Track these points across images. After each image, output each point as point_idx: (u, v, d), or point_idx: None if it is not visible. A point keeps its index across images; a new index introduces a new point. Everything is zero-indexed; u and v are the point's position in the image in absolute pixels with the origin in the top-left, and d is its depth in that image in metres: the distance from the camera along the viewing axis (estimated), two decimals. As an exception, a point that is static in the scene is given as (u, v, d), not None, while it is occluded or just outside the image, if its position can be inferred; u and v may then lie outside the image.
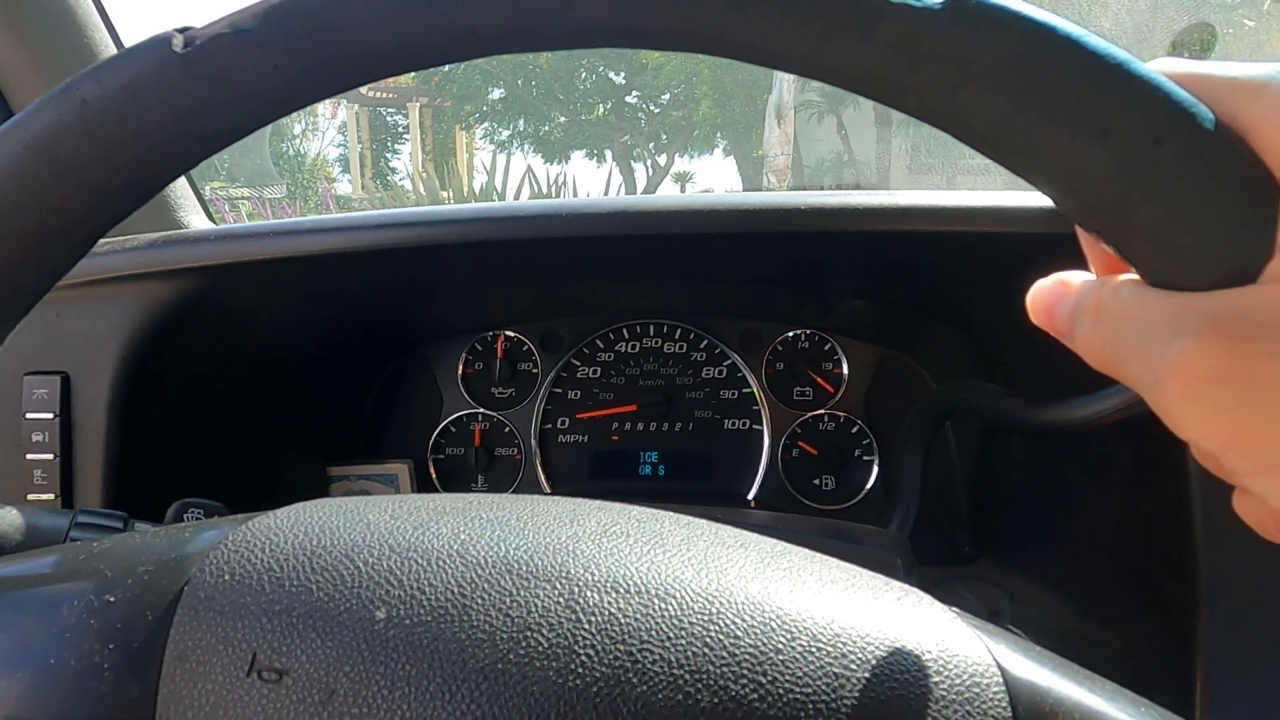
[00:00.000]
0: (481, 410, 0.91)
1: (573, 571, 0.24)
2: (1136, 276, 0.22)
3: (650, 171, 13.11)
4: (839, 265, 0.72)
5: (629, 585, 0.23)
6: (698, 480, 0.90)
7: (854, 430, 0.88)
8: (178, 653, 0.23)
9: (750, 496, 0.89)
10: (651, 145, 13.10)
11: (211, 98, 0.23)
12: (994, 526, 0.80)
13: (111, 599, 0.24)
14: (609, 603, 0.23)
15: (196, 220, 0.84)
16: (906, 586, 0.25)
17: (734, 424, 0.90)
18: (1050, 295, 0.25)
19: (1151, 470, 0.58)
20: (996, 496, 0.79)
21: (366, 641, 0.22)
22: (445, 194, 8.16)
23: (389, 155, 14.55)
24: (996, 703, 0.22)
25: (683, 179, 13.02)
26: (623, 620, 0.22)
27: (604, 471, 0.91)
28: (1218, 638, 0.52)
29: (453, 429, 0.92)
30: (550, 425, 0.91)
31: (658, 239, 0.64)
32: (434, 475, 0.91)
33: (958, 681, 0.22)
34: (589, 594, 0.23)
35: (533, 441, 0.90)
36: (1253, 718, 0.53)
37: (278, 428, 0.81)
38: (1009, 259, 0.61)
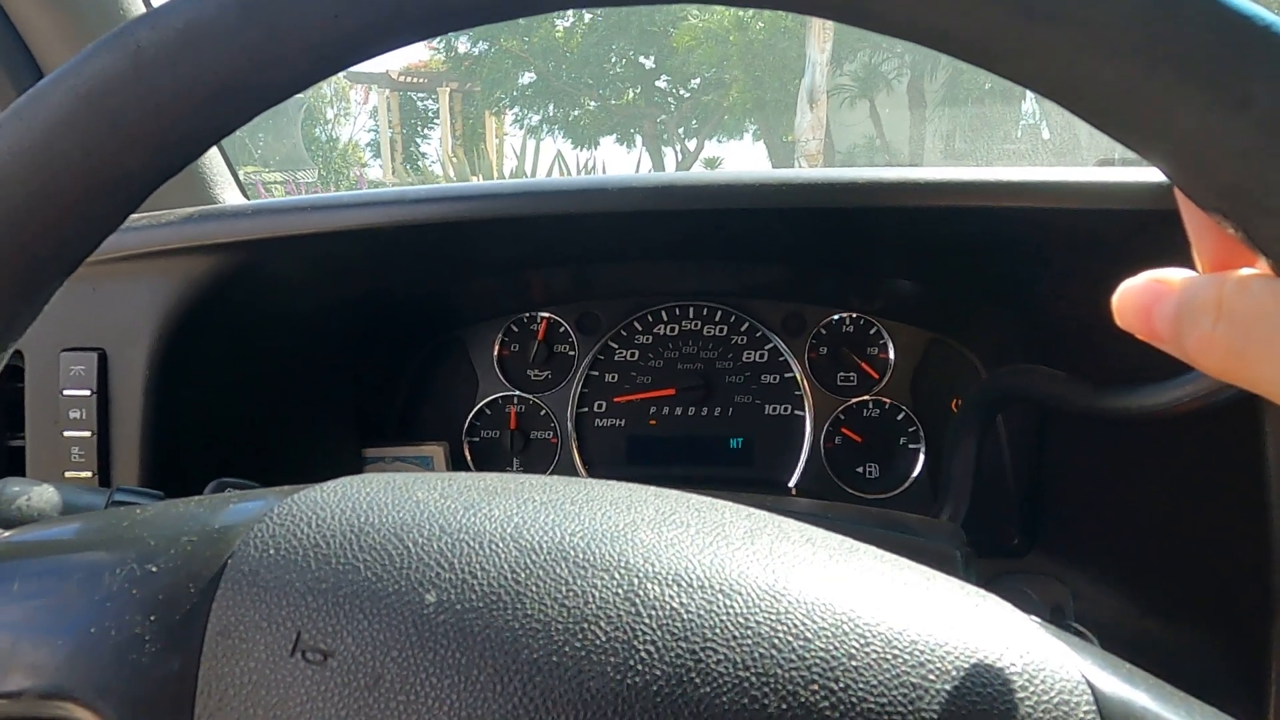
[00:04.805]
0: (517, 393, 0.90)
1: (632, 561, 0.22)
2: (1264, 270, 0.20)
3: (680, 156, 13.05)
4: (889, 244, 0.69)
5: (691, 579, 0.22)
6: (737, 467, 0.88)
7: (899, 417, 0.86)
8: (220, 628, 0.22)
9: (791, 484, 0.86)
10: (681, 130, 13.04)
11: (269, 47, 0.22)
12: (1046, 519, 0.77)
13: (154, 569, 0.23)
14: (670, 596, 0.22)
15: (231, 196, 0.83)
16: (983, 591, 0.24)
17: (775, 409, 0.88)
18: (1146, 295, 0.22)
19: (1224, 465, 0.55)
20: (1050, 488, 0.76)
21: (415, 626, 0.21)
22: (475, 178, 8.19)
23: (419, 140, 14.64)
24: None
25: (712, 164, 12.95)
26: (685, 616, 0.21)
27: (641, 456, 0.89)
28: None
29: (488, 411, 0.90)
30: (587, 409, 0.89)
31: (701, 214, 0.61)
32: (469, 457, 0.90)
33: (1045, 698, 0.20)
34: (649, 586, 0.22)
35: (569, 425, 0.89)
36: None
37: (313, 407, 0.80)
38: (1072, 237, 0.59)
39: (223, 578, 0.23)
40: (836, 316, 0.86)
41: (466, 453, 0.90)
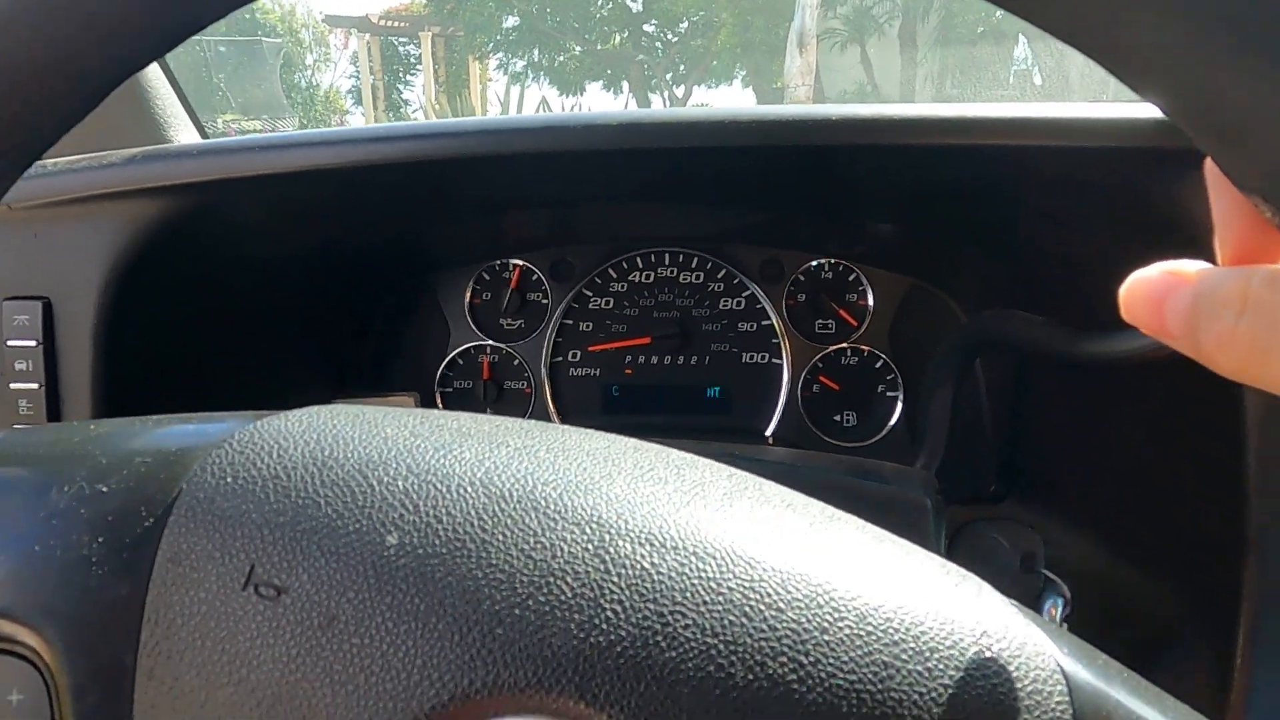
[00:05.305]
0: (490, 342, 0.88)
1: (604, 516, 0.22)
2: None
3: (668, 103, 12.84)
4: (866, 184, 0.67)
5: (665, 539, 0.21)
6: (714, 416, 0.87)
7: (878, 365, 0.85)
8: (171, 555, 0.21)
9: (768, 433, 0.86)
10: (669, 76, 12.80)
11: None
12: (1023, 465, 0.76)
13: (104, 489, 0.22)
14: (641, 555, 0.21)
15: (186, 136, 0.79)
16: (964, 572, 0.23)
17: (752, 357, 0.86)
18: (1158, 287, 0.21)
19: (1202, 413, 0.54)
20: (1027, 434, 0.75)
21: (374, 567, 0.21)
22: (458, 126, 8.04)
23: (401, 87, 14.32)
24: (1059, 712, 0.20)
25: (701, 111, 12.74)
26: (655, 577, 0.21)
27: (616, 406, 0.88)
28: (1266, 586, 0.49)
29: (460, 361, 0.89)
30: (561, 358, 0.88)
31: (675, 153, 0.59)
32: (441, 408, 0.89)
33: (1019, 686, 0.20)
34: (621, 543, 0.21)
35: (542, 374, 0.87)
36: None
37: (276, 357, 0.78)
38: (1051, 178, 0.57)
39: (176, 503, 0.22)
40: (815, 263, 0.85)
41: (439, 403, 0.89)
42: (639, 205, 0.81)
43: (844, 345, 0.85)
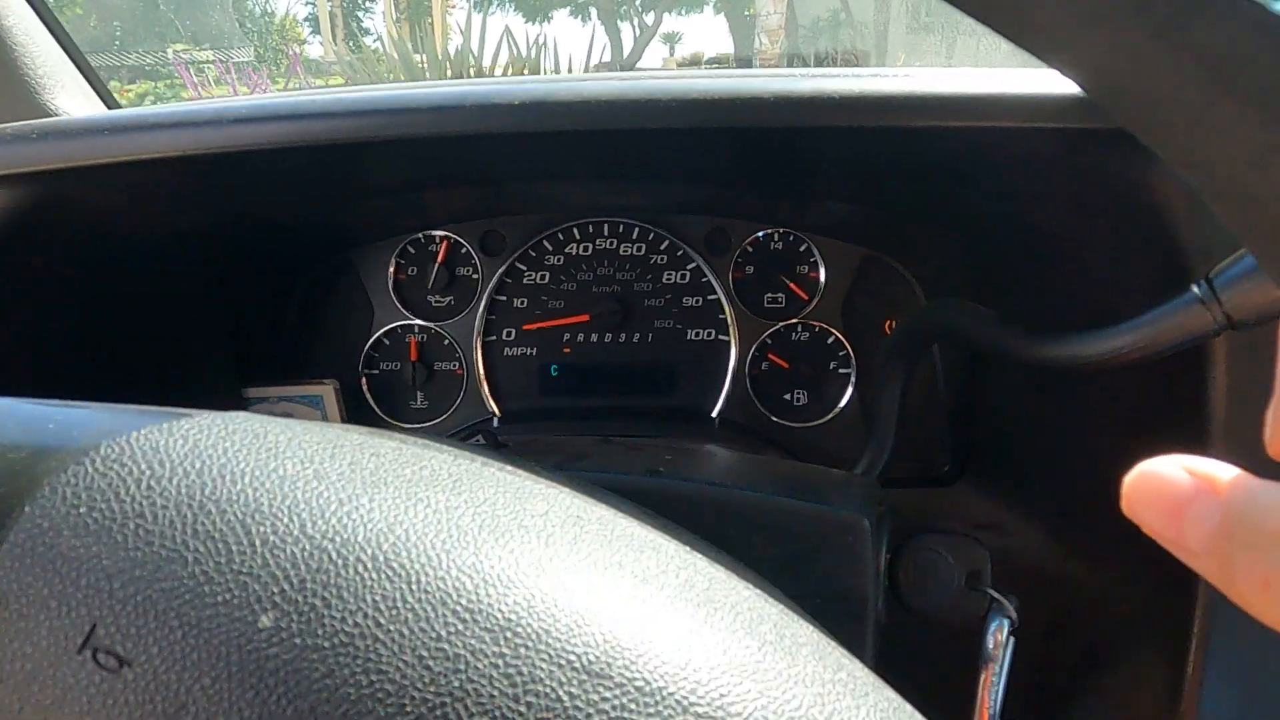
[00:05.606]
0: (417, 321, 0.82)
1: (524, 624, 0.18)
2: None
3: (637, 32, 12.46)
4: (819, 163, 0.61)
5: (591, 662, 0.18)
6: (658, 396, 0.82)
7: (829, 341, 0.80)
8: None
9: (715, 413, 0.81)
10: (638, 2, 12.38)
11: None
12: (977, 451, 0.73)
13: None
14: (559, 682, 0.17)
15: (70, 101, 0.71)
16: (917, 718, 0.21)
17: (698, 334, 0.81)
18: (1177, 492, 0.16)
19: (1166, 407, 0.50)
20: (983, 421, 0.72)
21: (240, 652, 0.17)
22: (419, 57, 7.73)
23: (361, 15, 13.76)
24: None
25: (672, 40, 12.40)
26: (570, 712, 0.17)
27: (555, 387, 0.83)
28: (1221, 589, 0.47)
29: (386, 342, 0.83)
30: (494, 337, 0.82)
31: (607, 134, 0.52)
32: (367, 394, 0.83)
33: None
34: (538, 662, 0.18)
35: (475, 354, 0.82)
36: (1252, 672, 0.48)
37: (178, 346, 0.71)
38: (1026, 156, 0.51)
39: (13, 529, 0.18)
40: (763, 233, 0.79)
41: (365, 387, 0.83)
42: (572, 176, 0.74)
43: (794, 321, 0.80)
